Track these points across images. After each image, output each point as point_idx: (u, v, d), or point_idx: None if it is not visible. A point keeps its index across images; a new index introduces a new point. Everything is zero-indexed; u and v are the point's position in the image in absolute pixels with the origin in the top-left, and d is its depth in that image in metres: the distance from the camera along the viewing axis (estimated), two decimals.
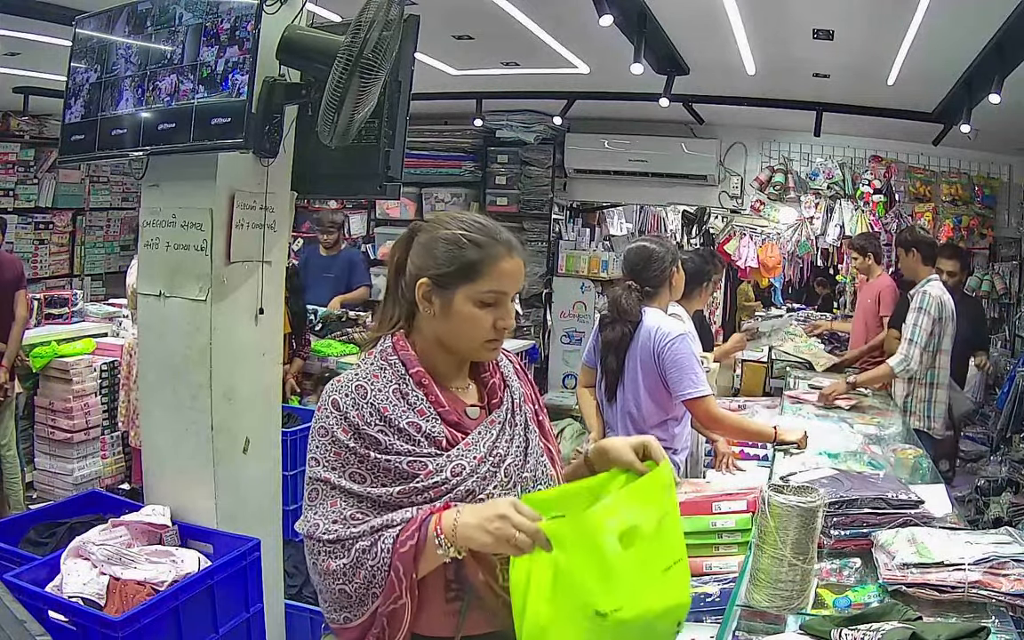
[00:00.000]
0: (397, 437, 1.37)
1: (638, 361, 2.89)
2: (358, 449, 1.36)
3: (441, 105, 6.47)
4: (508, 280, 1.43)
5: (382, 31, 2.25)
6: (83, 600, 2.23)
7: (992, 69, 3.95)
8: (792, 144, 6.87)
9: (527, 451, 1.48)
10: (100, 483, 4.45)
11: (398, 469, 1.35)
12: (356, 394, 1.39)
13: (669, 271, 3.02)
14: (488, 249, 1.42)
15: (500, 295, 1.43)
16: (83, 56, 2.81)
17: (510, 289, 1.44)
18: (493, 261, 1.42)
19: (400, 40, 2.41)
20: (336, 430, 1.37)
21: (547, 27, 4.46)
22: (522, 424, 1.50)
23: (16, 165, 6.96)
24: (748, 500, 2.24)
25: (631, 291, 2.99)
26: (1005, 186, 6.40)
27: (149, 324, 2.74)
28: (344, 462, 1.36)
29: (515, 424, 1.49)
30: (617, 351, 2.96)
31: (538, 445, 1.51)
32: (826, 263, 7.26)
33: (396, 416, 1.38)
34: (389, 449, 1.36)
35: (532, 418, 1.54)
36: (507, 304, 1.45)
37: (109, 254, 7.96)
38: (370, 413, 1.37)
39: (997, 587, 1.72)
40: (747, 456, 3.50)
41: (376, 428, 1.37)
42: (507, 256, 1.43)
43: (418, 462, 1.36)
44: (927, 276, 4.21)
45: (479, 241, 1.43)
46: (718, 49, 4.62)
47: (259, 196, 2.65)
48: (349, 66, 2.22)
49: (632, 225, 8.39)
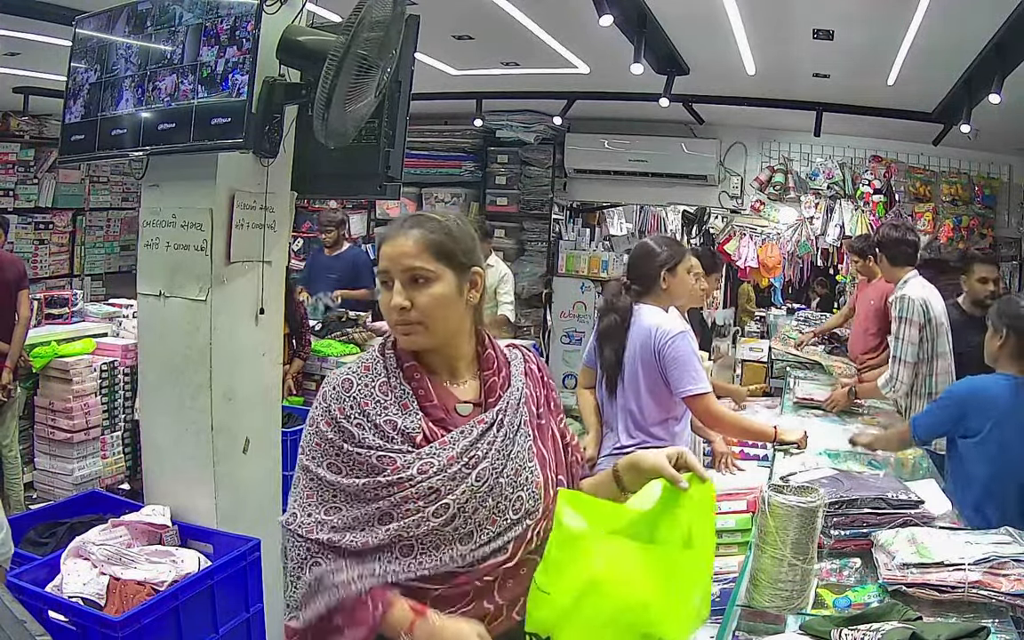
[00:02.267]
0: (372, 432, 1.40)
1: (638, 359, 2.89)
2: (335, 440, 1.40)
3: (441, 105, 6.47)
4: (387, 260, 1.44)
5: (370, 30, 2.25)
6: (83, 600, 2.24)
7: (992, 69, 3.95)
8: (792, 144, 6.87)
9: (510, 456, 1.43)
10: (100, 483, 4.44)
11: (368, 462, 1.38)
12: (342, 387, 1.44)
13: (657, 272, 2.94)
14: (383, 233, 1.50)
15: (385, 275, 1.44)
16: (83, 56, 2.81)
17: (389, 269, 1.43)
18: (381, 242, 1.48)
19: (398, 38, 2.42)
20: (320, 421, 1.42)
21: (547, 27, 4.46)
22: (514, 427, 1.46)
23: (16, 165, 6.96)
24: (748, 500, 2.25)
25: (620, 284, 3.02)
26: (1005, 186, 6.41)
27: (149, 324, 2.75)
28: (323, 453, 1.40)
29: (504, 426, 1.45)
30: (611, 341, 2.96)
31: (525, 451, 1.46)
32: (826, 263, 7.27)
33: (376, 412, 1.41)
34: (361, 443, 1.39)
35: (530, 421, 1.50)
36: (395, 286, 1.42)
37: (109, 254, 7.96)
38: (351, 407, 1.41)
39: (997, 587, 1.72)
40: (747, 456, 3.50)
41: (354, 422, 1.40)
42: (389, 237, 1.46)
43: (387, 457, 1.37)
44: (904, 277, 3.75)
45: (385, 226, 1.47)
46: (718, 49, 4.62)
47: (259, 196, 2.65)
48: (335, 63, 2.22)
49: (632, 225, 8.40)
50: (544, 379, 1.61)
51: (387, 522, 1.35)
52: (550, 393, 1.60)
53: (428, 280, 1.42)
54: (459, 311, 1.47)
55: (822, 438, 3.14)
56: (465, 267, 1.47)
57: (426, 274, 1.42)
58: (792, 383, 4.49)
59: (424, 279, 1.42)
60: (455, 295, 1.45)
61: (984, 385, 2.77)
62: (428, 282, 1.42)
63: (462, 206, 7.20)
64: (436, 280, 1.43)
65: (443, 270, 1.44)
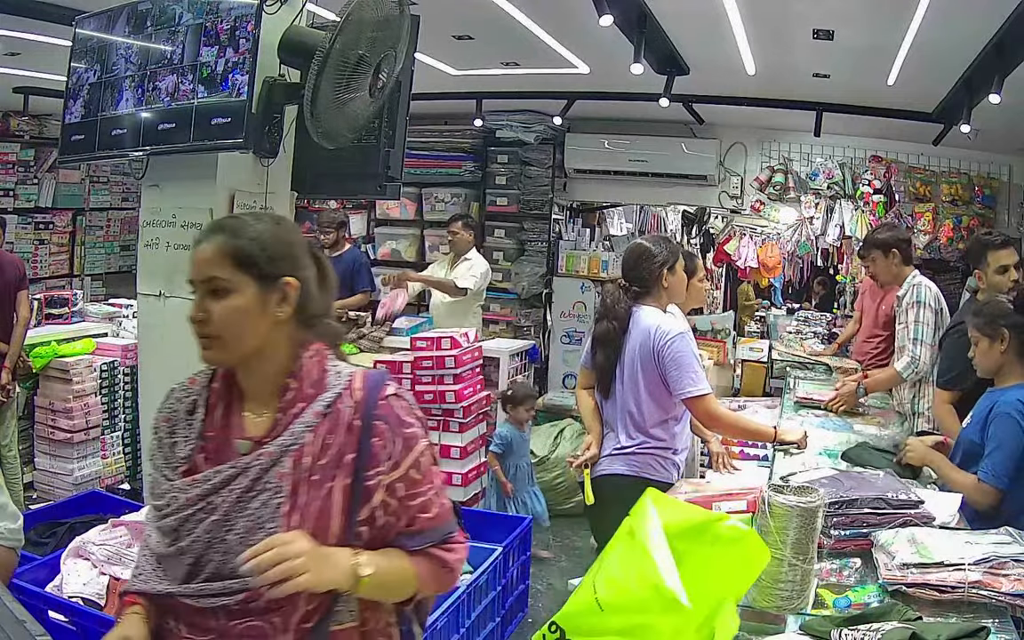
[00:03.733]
0: (159, 450, 1.40)
1: (638, 360, 2.89)
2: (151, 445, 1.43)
3: (441, 105, 6.46)
4: (191, 267, 1.37)
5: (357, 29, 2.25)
6: (83, 600, 2.24)
7: (992, 69, 3.95)
8: (792, 144, 6.86)
9: (244, 512, 1.27)
10: (100, 483, 4.45)
11: (152, 477, 1.40)
12: (166, 395, 1.45)
13: (659, 271, 2.95)
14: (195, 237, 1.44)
15: (191, 283, 1.37)
16: (83, 56, 2.81)
17: (193, 276, 1.36)
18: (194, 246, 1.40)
19: (399, 39, 2.42)
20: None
21: (547, 27, 4.46)
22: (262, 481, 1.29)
23: (16, 165, 6.97)
24: (748, 500, 2.24)
25: (619, 288, 3.00)
26: (1005, 186, 6.40)
27: (149, 324, 2.75)
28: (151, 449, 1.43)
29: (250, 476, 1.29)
30: (605, 347, 2.96)
31: (270, 510, 1.27)
32: (826, 263, 7.27)
33: (168, 430, 1.40)
34: (152, 458, 1.41)
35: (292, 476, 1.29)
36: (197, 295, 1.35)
37: (109, 254, 7.96)
38: (161, 418, 1.42)
39: (997, 587, 1.72)
40: (747, 456, 3.50)
41: (158, 434, 1.41)
42: (196, 242, 1.39)
43: (158, 480, 1.37)
44: (911, 274, 3.87)
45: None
46: (718, 49, 4.62)
47: (259, 196, 2.66)
48: (319, 61, 2.23)
49: (632, 225, 8.40)
50: (355, 424, 1.33)
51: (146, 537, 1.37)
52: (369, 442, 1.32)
53: (225, 291, 1.32)
54: (261, 327, 1.34)
55: (822, 438, 3.14)
56: (272, 278, 1.34)
57: (222, 284, 1.32)
58: (792, 383, 4.49)
59: (221, 289, 1.32)
60: (256, 308, 1.33)
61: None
62: (225, 293, 1.32)
63: (462, 206, 7.20)
64: (233, 291, 1.32)
65: (243, 280, 1.32)
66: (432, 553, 1.39)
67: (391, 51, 2.41)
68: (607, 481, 2.90)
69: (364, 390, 1.36)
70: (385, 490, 1.33)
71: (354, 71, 2.31)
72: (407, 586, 1.40)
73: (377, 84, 2.42)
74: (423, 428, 1.40)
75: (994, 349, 2.70)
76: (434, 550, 1.39)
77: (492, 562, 3.35)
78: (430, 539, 1.38)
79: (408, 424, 1.36)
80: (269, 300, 1.34)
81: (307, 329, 1.40)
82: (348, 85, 2.34)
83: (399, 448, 1.34)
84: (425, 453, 1.38)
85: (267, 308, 1.34)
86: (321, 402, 1.34)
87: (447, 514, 1.42)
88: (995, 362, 2.71)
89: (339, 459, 1.31)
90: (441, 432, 4.51)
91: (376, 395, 1.35)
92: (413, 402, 1.41)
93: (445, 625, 2.96)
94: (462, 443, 4.54)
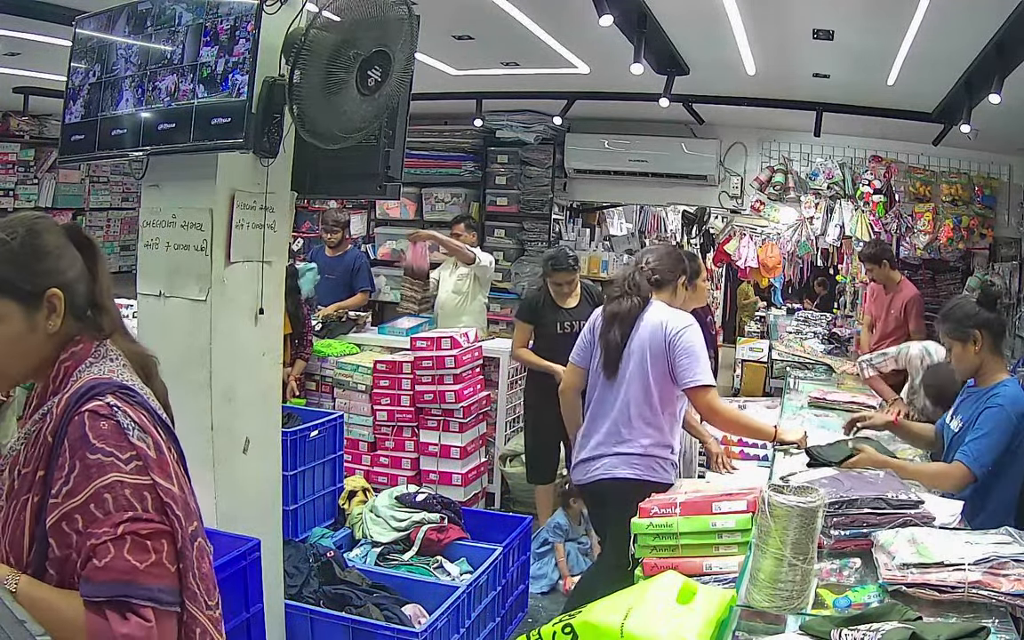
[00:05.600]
0: None
1: (647, 351, 2.89)
2: None
3: (441, 105, 6.46)
4: None
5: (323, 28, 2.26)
6: None
7: (992, 69, 3.95)
8: (792, 144, 6.87)
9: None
10: None
11: None
12: None
13: (679, 274, 3.11)
14: None
15: None
16: (83, 56, 2.81)
17: None
18: None
19: (399, 39, 2.41)
20: None
21: (547, 27, 4.46)
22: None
23: (16, 165, 6.96)
24: (748, 500, 2.24)
25: (642, 270, 3.04)
26: (1005, 186, 6.40)
27: (149, 324, 2.74)
28: None
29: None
30: (623, 324, 2.95)
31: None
32: (826, 263, 7.26)
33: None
34: None
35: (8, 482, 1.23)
36: None
37: (109, 254, 7.95)
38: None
39: (997, 587, 1.72)
40: (747, 456, 3.50)
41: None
42: None
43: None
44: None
45: None
46: (718, 49, 4.62)
47: (259, 196, 2.65)
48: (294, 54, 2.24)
49: (632, 225, 8.39)
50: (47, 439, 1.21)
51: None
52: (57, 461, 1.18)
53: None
54: (33, 347, 1.26)
55: (822, 438, 3.13)
56: (35, 296, 1.24)
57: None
58: (792, 383, 4.50)
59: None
60: (25, 332, 1.23)
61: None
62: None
63: (462, 206, 7.20)
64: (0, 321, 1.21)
65: (6, 307, 1.22)
66: (106, 612, 1.14)
67: (383, 48, 2.40)
68: (611, 485, 2.91)
69: (66, 401, 1.21)
70: (64, 519, 1.16)
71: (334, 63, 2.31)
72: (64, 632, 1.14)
73: (367, 82, 2.40)
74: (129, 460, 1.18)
75: (968, 351, 2.70)
76: (109, 611, 1.14)
77: (492, 562, 3.35)
78: (100, 593, 1.14)
79: (96, 449, 1.16)
80: (37, 319, 1.24)
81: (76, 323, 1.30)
82: (329, 78, 2.33)
83: (77, 474, 1.16)
84: (116, 489, 1.15)
85: (37, 328, 1.25)
86: (40, 410, 1.24)
87: (128, 573, 1.15)
88: (972, 364, 2.72)
89: (34, 474, 1.20)
90: (441, 432, 4.52)
91: (74, 409, 1.20)
92: (130, 426, 1.20)
93: (445, 625, 2.96)
94: (462, 443, 4.55)
